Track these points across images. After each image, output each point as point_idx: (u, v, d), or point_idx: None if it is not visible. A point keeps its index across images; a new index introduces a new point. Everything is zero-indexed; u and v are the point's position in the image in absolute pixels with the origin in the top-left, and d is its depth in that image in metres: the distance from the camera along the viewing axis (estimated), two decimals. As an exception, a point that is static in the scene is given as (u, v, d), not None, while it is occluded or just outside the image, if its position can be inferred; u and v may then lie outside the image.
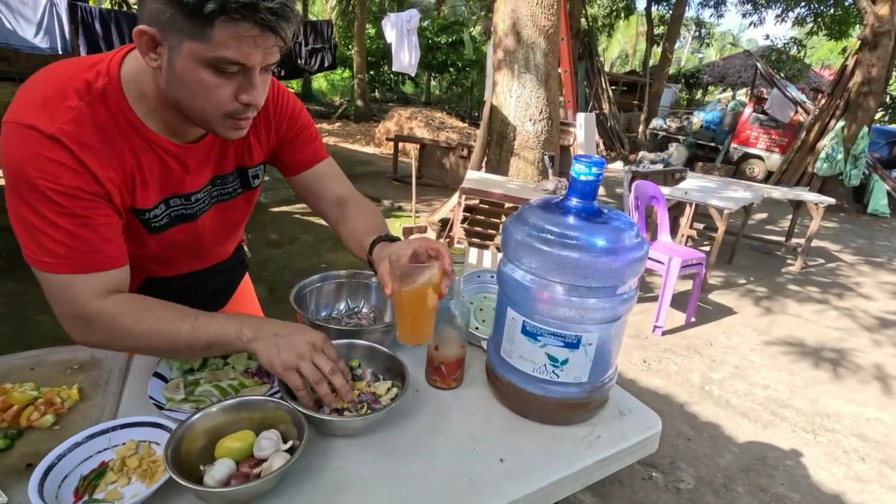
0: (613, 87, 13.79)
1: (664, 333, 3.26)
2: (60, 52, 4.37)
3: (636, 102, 15.36)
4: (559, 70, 4.82)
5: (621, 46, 32.93)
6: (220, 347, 0.76)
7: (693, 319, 3.49)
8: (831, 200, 4.77)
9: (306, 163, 1.01)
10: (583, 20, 11.55)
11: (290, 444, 0.69)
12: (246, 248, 1.22)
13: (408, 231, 4.72)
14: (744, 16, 14.71)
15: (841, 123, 7.65)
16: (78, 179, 0.69)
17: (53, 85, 0.69)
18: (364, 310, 1.12)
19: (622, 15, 16.97)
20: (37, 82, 0.70)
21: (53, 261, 0.70)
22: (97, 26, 4.41)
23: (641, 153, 9.96)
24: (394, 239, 0.91)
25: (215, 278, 1.08)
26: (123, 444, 0.69)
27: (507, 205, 3.68)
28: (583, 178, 0.78)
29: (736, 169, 9.78)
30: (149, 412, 0.76)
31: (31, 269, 0.73)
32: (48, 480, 0.61)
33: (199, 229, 0.91)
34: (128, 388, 0.85)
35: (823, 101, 8.21)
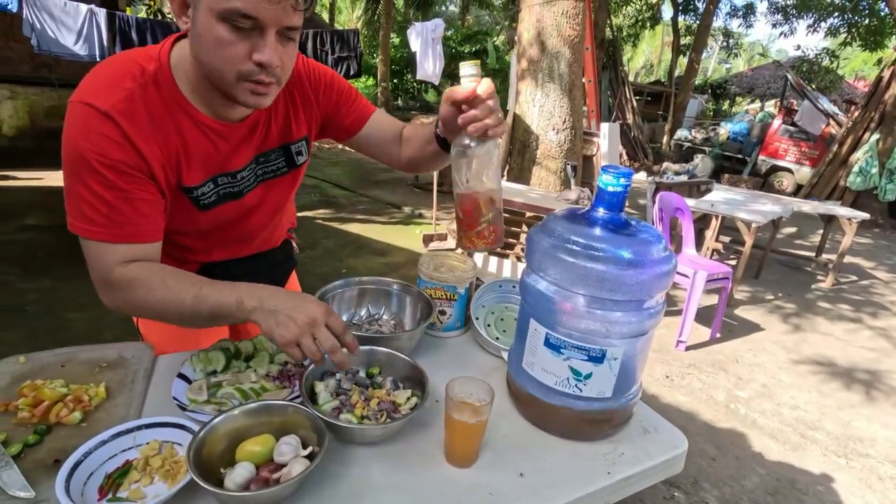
0: (638, 97, 13.65)
1: (688, 349, 3.18)
2: (98, 60, 4.54)
3: (661, 113, 15.15)
4: (583, 80, 4.79)
5: (646, 56, 32.63)
6: (224, 318, 0.76)
7: (718, 335, 3.40)
8: (865, 215, 4.60)
9: (358, 124, 1.04)
10: (607, 30, 11.49)
11: (309, 450, 0.69)
12: (295, 244, 1.25)
13: (428, 238, 4.73)
14: (774, 26, 14.40)
15: (876, 136, 7.41)
16: (123, 154, 0.74)
17: (112, 70, 0.76)
18: (384, 316, 1.12)
19: (648, 25, 16.81)
20: (99, 68, 0.77)
21: (90, 227, 0.75)
22: (133, 35, 4.57)
23: (665, 164, 9.81)
24: None
25: (270, 271, 1.11)
26: (147, 443, 0.70)
27: (528, 214, 3.66)
28: (610, 188, 0.77)
29: (764, 181, 9.55)
30: (172, 412, 0.77)
31: (76, 242, 0.78)
32: (74, 477, 0.62)
33: (246, 206, 0.95)
34: (152, 388, 0.86)
35: (857, 114, 7.97)
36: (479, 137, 0.75)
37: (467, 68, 0.75)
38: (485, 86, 0.75)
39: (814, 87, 11.43)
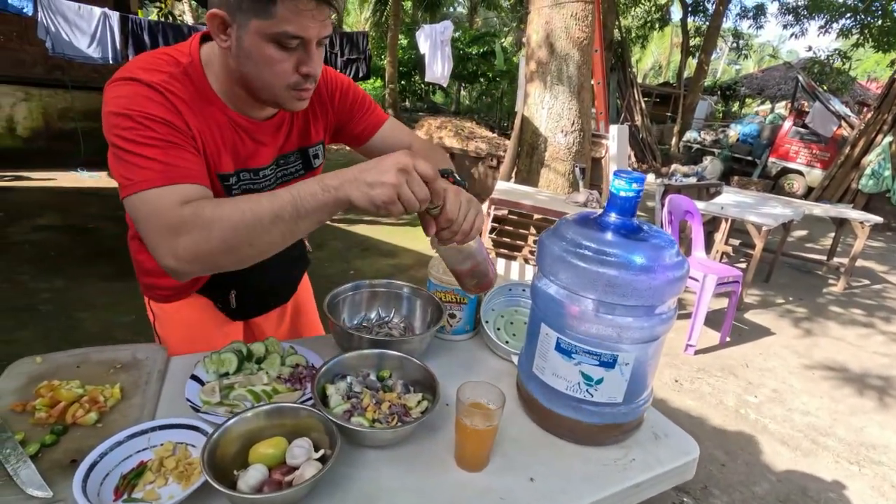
0: (646, 99, 13.59)
1: (697, 353, 3.16)
2: (111, 62, 4.59)
3: (669, 114, 15.07)
4: (592, 82, 4.77)
5: (654, 57, 32.44)
6: (307, 210, 0.68)
7: (728, 339, 3.37)
8: (877, 219, 4.55)
9: (369, 132, 1.08)
10: (616, 31, 11.44)
11: (321, 452, 0.69)
12: (307, 242, 1.29)
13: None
14: (784, 27, 14.26)
15: (889, 138, 7.33)
16: (170, 115, 0.75)
17: (147, 60, 0.80)
18: (395, 320, 1.12)
19: (656, 26, 16.72)
20: (133, 61, 0.80)
21: (143, 179, 0.71)
22: (146, 37, 4.62)
23: (674, 166, 9.74)
24: (445, 174, 0.84)
25: (286, 267, 1.14)
26: (161, 444, 0.71)
27: (536, 216, 3.65)
28: (622, 193, 0.76)
29: (774, 184, 9.46)
30: (185, 414, 0.77)
31: (125, 204, 0.74)
32: (91, 478, 0.63)
33: None
34: (166, 389, 0.87)
35: (870, 115, 7.89)
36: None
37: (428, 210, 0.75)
38: (446, 216, 0.75)
39: (825, 88, 11.32)
